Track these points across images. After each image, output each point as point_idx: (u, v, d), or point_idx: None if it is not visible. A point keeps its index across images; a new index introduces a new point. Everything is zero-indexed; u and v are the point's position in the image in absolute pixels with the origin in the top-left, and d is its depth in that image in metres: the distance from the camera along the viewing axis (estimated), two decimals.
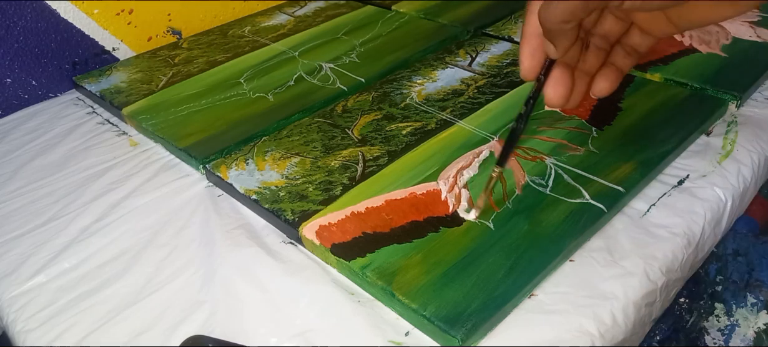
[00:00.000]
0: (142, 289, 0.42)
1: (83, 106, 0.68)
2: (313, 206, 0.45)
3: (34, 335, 0.40)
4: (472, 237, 0.40)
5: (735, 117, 0.52)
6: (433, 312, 0.35)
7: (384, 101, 0.58)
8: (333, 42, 0.73)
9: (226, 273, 0.42)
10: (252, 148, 0.53)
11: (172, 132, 0.57)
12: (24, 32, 0.68)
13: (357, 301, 0.39)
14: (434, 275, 0.38)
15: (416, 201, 0.44)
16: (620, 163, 0.46)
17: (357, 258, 0.40)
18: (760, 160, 0.47)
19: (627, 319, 0.36)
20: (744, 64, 0.57)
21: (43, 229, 0.49)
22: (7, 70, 0.68)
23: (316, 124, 0.56)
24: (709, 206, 0.43)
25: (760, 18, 0.65)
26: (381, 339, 0.36)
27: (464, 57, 0.65)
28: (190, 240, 0.46)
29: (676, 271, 0.40)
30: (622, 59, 0.38)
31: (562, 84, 0.36)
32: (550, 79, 0.36)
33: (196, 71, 0.69)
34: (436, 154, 0.49)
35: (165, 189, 0.52)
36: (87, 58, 0.75)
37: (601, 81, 0.38)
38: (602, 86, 0.38)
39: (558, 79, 0.36)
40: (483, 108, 0.55)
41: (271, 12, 0.85)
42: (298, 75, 0.65)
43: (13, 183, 0.55)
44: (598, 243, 0.41)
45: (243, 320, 0.39)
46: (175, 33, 0.82)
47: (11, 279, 0.44)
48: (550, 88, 0.36)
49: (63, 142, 0.61)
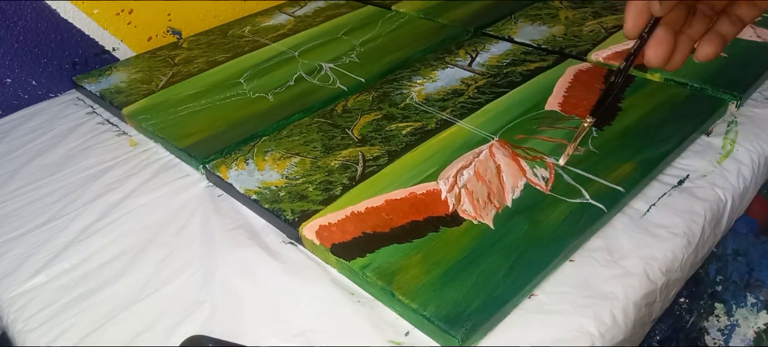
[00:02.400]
0: (142, 289, 0.42)
1: (83, 106, 0.68)
2: (313, 206, 0.45)
3: (34, 335, 0.40)
4: (472, 237, 0.40)
5: (735, 117, 0.52)
6: (433, 312, 0.35)
7: (384, 101, 0.58)
8: (333, 42, 0.73)
9: (226, 273, 0.42)
10: (252, 148, 0.53)
11: (172, 132, 0.57)
12: (24, 32, 0.68)
13: (357, 301, 0.39)
14: (434, 275, 0.38)
15: (416, 201, 0.44)
16: (620, 162, 0.46)
17: (357, 258, 0.40)
18: (760, 160, 0.47)
19: (627, 319, 0.36)
20: (744, 64, 0.57)
21: (43, 229, 0.49)
22: (7, 70, 0.68)
23: (316, 124, 0.56)
24: (709, 206, 0.43)
25: (760, 18, 0.65)
26: (381, 339, 0.36)
27: (464, 57, 0.65)
28: (190, 240, 0.46)
29: (676, 271, 0.40)
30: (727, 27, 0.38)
31: (665, 44, 0.37)
32: (652, 39, 0.38)
33: (196, 71, 0.69)
34: (436, 153, 0.49)
35: (165, 189, 0.52)
36: (87, 58, 0.75)
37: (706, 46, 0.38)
38: (707, 50, 0.38)
39: (661, 39, 0.37)
40: (483, 108, 0.55)
41: (271, 12, 0.85)
42: (298, 75, 0.65)
43: (13, 183, 0.55)
44: (598, 243, 0.41)
45: (243, 320, 0.39)
46: (175, 33, 0.82)
47: (11, 279, 0.44)
48: (652, 48, 0.38)
49: (63, 142, 0.61)
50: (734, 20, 0.38)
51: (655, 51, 0.38)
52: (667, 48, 0.38)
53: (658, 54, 0.38)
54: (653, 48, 0.38)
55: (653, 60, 0.38)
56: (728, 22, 0.38)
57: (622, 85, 0.41)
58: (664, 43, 0.37)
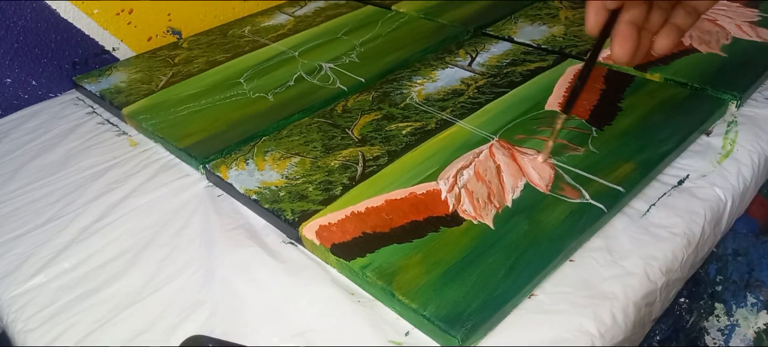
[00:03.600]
0: (142, 289, 0.42)
1: (83, 106, 0.68)
2: (313, 206, 0.45)
3: (34, 335, 0.40)
4: (472, 237, 0.40)
5: (735, 117, 0.52)
6: (433, 312, 0.35)
7: (384, 101, 0.58)
8: (333, 42, 0.73)
9: (226, 273, 0.42)
10: (252, 148, 0.53)
11: (172, 132, 0.57)
12: (24, 32, 0.68)
13: (357, 301, 0.39)
14: (434, 275, 0.38)
15: (416, 201, 0.44)
16: (620, 162, 0.46)
17: (357, 258, 0.40)
18: (760, 160, 0.47)
19: (627, 319, 0.36)
20: (744, 64, 0.57)
21: (43, 229, 0.49)
22: (7, 70, 0.68)
23: (316, 124, 0.56)
24: (709, 206, 0.43)
25: (760, 18, 0.65)
26: (381, 339, 0.36)
27: (464, 57, 0.65)
28: (190, 240, 0.46)
29: (676, 271, 0.40)
30: (682, 19, 0.39)
31: (630, 40, 0.38)
32: (617, 36, 0.38)
33: (196, 71, 0.69)
34: (436, 153, 0.49)
35: (165, 189, 0.52)
36: (87, 58, 0.75)
37: (662, 39, 0.39)
38: (663, 43, 0.39)
39: (626, 36, 0.38)
40: (483, 108, 0.55)
41: (271, 12, 0.85)
42: (298, 75, 0.65)
43: (13, 183, 0.55)
44: (598, 243, 0.41)
45: (243, 320, 0.39)
46: (175, 33, 0.82)
47: (11, 279, 0.44)
48: (618, 44, 0.38)
49: (63, 142, 0.61)
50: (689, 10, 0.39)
51: (621, 47, 0.38)
52: (632, 44, 0.38)
53: (624, 50, 0.38)
54: (619, 44, 0.38)
55: (620, 56, 0.38)
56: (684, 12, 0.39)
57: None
58: (629, 39, 0.38)
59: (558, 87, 0.56)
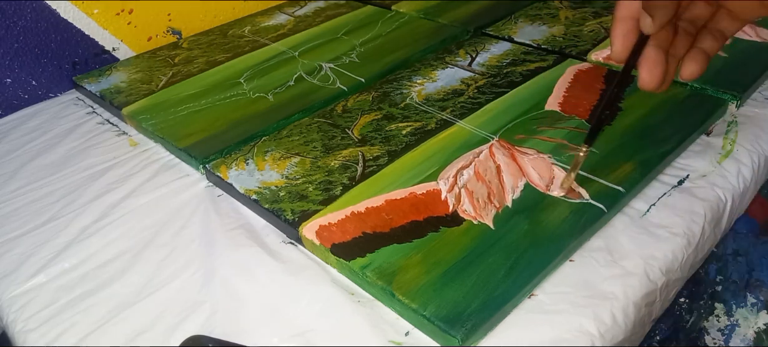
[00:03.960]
0: (142, 289, 0.42)
1: (83, 106, 0.68)
2: (313, 206, 0.45)
3: (34, 335, 0.40)
4: (472, 237, 0.40)
5: (735, 117, 0.52)
6: (433, 312, 0.35)
7: (384, 101, 0.58)
8: (333, 42, 0.73)
9: (226, 273, 0.42)
10: (252, 148, 0.53)
11: (172, 132, 0.57)
12: (24, 32, 0.68)
13: (357, 301, 0.39)
14: (434, 275, 0.38)
15: (416, 201, 0.44)
16: (620, 162, 0.46)
17: (357, 258, 0.40)
18: (760, 159, 0.47)
19: (627, 319, 0.36)
20: (744, 64, 0.57)
21: (43, 229, 0.49)
22: (7, 70, 0.68)
23: (316, 124, 0.56)
24: (709, 206, 0.43)
25: (759, 18, 0.65)
26: (381, 339, 0.36)
27: (464, 57, 0.65)
28: (190, 240, 0.46)
29: (676, 271, 0.40)
30: (709, 43, 0.37)
31: (659, 65, 0.36)
32: (645, 62, 0.36)
33: (196, 71, 0.69)
34: (436, 153, 0.49)
35: (165, 189, 0.52)
36: (87, 58, 0.75)
37: (691, 64, 0.37)
38: (692, 69, 0.37)
39: (655, 61, 0.36)
40: (483, 108, 0.55)
41: (271, 12, 0.85)
42: (298, 75, 0.65)
43: (13, 183, 0.55)
44: (598, 243, 0.41)
45: (243, 320, 0.39)
46: (175, 33, 0.82)
47: (11, 279, 0.44)
48: (646, 70, 0.36)
49: (63, 142, 0.61)
50: (716, 35, 0.37)
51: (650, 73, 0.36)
52: (662, 69, 0.36)
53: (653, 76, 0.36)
54: (648, 70, 0.36)
55: (649, 83, 0.36)
56: (711, 37, 0.37)
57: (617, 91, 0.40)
58: (659, 64, 0.36)
59: (558, 87, 0.56)
